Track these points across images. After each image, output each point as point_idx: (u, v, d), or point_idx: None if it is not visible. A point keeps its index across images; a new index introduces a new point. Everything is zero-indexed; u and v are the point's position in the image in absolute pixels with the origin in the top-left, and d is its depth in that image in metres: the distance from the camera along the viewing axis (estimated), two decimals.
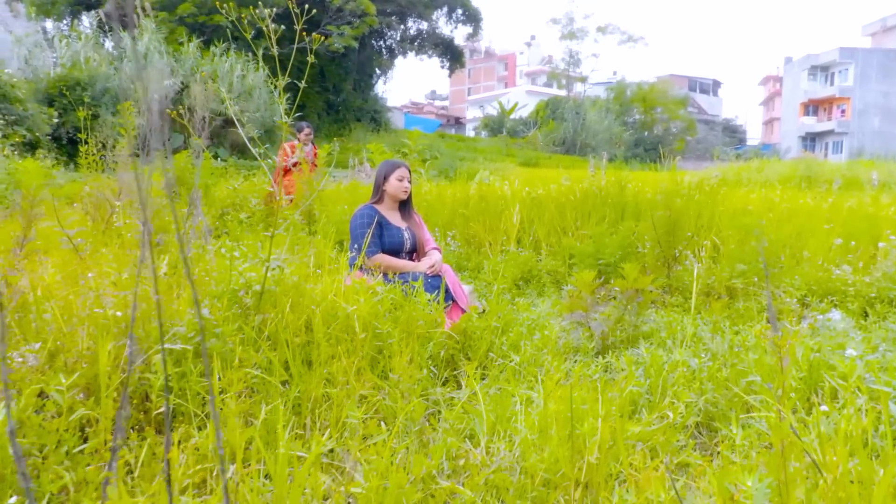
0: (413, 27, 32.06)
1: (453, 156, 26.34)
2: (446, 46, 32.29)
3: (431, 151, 25.89)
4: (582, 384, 2.46)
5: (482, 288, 4.87)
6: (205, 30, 24.06)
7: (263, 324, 2.35)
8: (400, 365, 2.32)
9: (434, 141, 28.61)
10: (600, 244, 4.81)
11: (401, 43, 31.89)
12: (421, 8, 29.43)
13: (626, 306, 3.26)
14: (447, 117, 59.31)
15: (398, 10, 29.58)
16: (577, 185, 6.22)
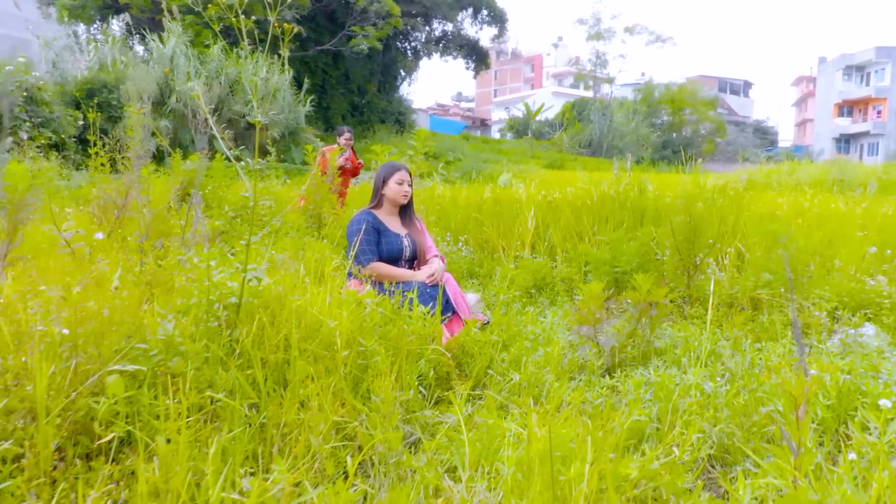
0: (438, 28, 31.93)
1: (477, 157, 26.13)
2: (471, 48, 32.09)
3: (454, 153, 25.72)
4: (581, 412, 2.25)
5: (492, 297, 4.66)
6: (231, 32, 24.18)
7: (235, 340, 2.18)
8: (383, 386, 2.13)
9: (458, 143, 28.43)
10: (617, 251, 4.57)
11: (426, 44, 31.76)
12: (446, 9, 29.26)
13: (639, 320, 3.03)
14: (473, 119, 59.07)
15: (423, 12, 29.45)
16: (594, 188, 5.97)
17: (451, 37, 31.77)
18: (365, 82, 29.62)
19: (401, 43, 31.43)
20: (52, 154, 9.67)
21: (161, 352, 2.01)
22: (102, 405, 1.66)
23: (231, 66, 20.24)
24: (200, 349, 2.01)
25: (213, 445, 1.59)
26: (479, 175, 21.17)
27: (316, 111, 26.41)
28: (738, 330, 3.44)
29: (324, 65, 27.81)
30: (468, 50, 31.99)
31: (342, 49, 26.46)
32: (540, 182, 13.21)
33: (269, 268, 3.37)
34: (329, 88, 28.25)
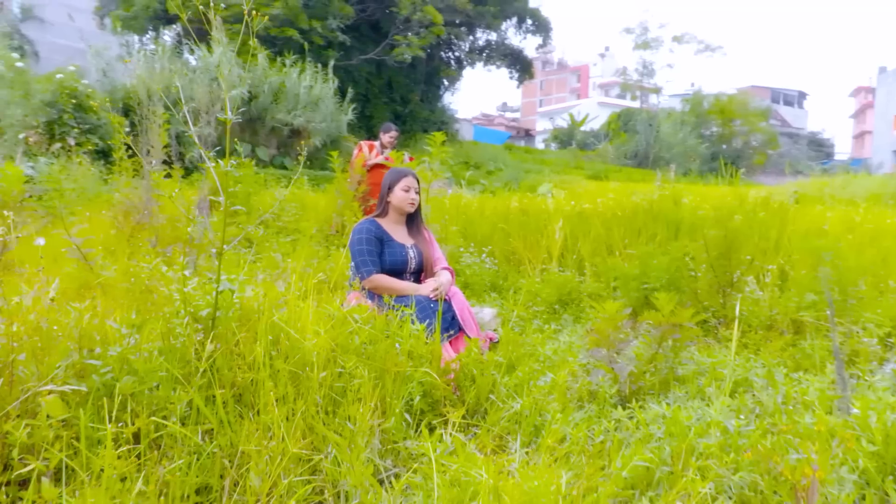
0: (482, 38, 31.74)
1: (518, 168, 25.85)
2: (515, 57, 31.80)
3: (496, 163, 25.47)
4: (581, 450, 1.99)
5: (509, 312, 4.40)
6: (276, 42, 24.49)
7: (199, 357, 1.99)
8: (357, 412, 1.91)
9: (499, 152, 28.18)
10: (646, 266, 4.26)
11: (469, 54, 31.62)
12: (490, 18, 29.07)
13: (660, 344, 2.74)
14: (517, 129, 58.70)
15: (466, 21, 29.32)
16: (626, 199, 5.67)
17: (495, 46, 31.57)
18: (408, 91, 29.66)
19: (444, 52, 31.39)
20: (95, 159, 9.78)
21: (115, 369, 1.83)
22: (20, 430, 1.48)
23: (274, 74, 20.44)
24: (155, 367, 1.83)
25: (139, 481, 1.40)
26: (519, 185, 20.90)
27: (358, 120, 26.53)
28: (776, 356, 3.12)
29: (367, 74, 27.95)
30: (512, 59, 31.73)
31: (385, 58, 26.56)
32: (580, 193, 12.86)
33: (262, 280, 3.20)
34: (372, 97, 28.38)
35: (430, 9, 25.71)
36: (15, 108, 14.80)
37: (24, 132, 14.80)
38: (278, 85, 20.64)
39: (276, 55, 22.01)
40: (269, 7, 24.68)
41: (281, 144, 21.64)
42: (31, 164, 13.02)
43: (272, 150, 21.30)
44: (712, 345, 3.71)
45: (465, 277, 5.12)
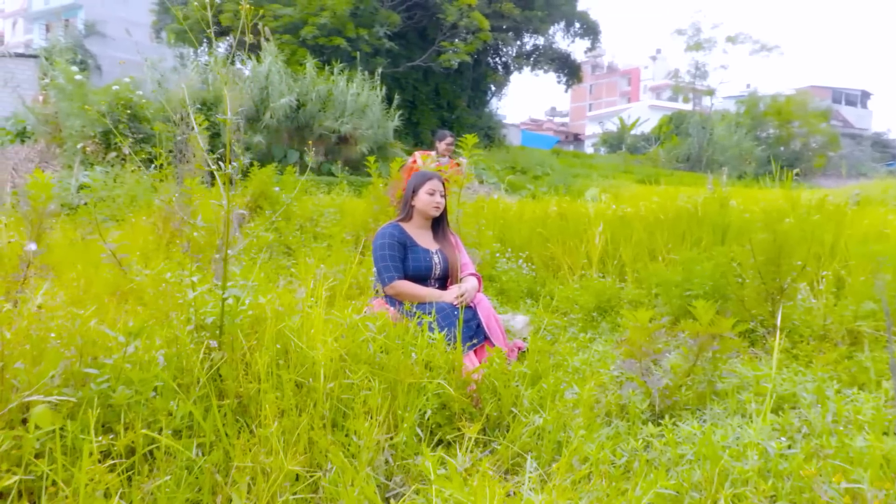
0: (529, 42, 31.52)
1: (566, 172, 25.52)
2: (563, 61, 31.45)
3: (543, 168, 25.20)
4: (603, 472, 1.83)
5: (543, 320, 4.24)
6: (325, 51, 24.83)
7: (201, 367, 1.92)
8: (361, 426, 1.80)
9: (547, 157, 27.88)
10: (689, 272, 4.05)
11: (516, 59, 31.43)
12: (537, 23, 28.83)
13: (698, 356, 2.56)
14: (566, 134, 58.09)
15: (513, 26, 29.16)
16: (670, 202, 5.43)
17: (543, 50, 31.31)
18: (454, 98, 29.67)
19: (491, 58, 31.30)
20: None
21: (111, 378, 1.77)
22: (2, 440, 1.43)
23: (322, 83, 20.69)
24: (151, 376, 1.76)
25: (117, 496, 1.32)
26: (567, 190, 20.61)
27: (405, 126, 26.65)
28: (828, 370, 2.89)
29: (414, 81, 28.08)
30: (560, 63, 31.39)
31: (432, 65, 26.63)
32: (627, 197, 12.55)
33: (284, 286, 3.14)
34: (419, 104, 28.49)
35: (476, 15, 25.66)
36: (74, 120, 15.36)
37: (82, 142, 15.32)
38: (326, 93, 20.87)
39: (325, 64, 22.30)
40: (318, 17, 25.05)
41: (328, 151, 21.87)
42: (87, 173, 13.48)
43: (320, 156, 21.55)
44: (759, 356, 3.48)
45: (500, 283, 4.98)
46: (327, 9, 24.63)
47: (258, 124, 19.49)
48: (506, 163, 25.20)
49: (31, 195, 3.11)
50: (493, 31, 27.29)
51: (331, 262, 4.69)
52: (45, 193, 3.14)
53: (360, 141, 21.20)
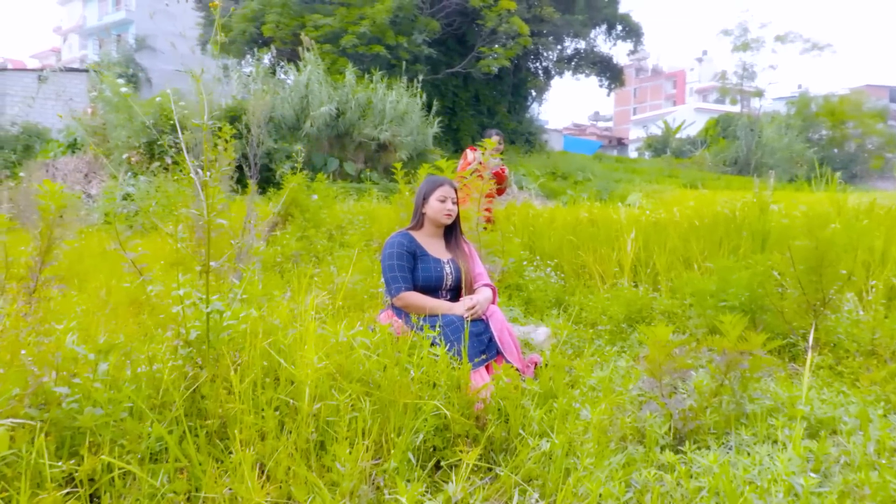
0: (570, 46, 31.17)
1: (608, 177, 25.07)
2: (605, 64, 30.99)
3: (584, 173, 24.81)
4: None
5: (578, 332, 4.05)
6: (364, 59, 24.98)
7: (177, 388, 1.81)
8: (345, 453, 1.66)
9: (588, 162, 27.47)
10: (724, 281, 3.80)
11: (557, 63, 31.10)
12: (578, 27, 28.47)
13: (725, 375, 2.35)
14: (609, 138, 57.28)
15: (554, 31, 28.86)
16: (707, 207, 5.17)
17: (584, 54, 30.90)
18: (494, 103, 29.52)
19: (531, 63, 31.05)
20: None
21: (82, 399, 1.68)
22: None
23: (361, 91, 20.78)
24: (121, 397, 1.66)
25: None
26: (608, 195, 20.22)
27: (445, 133, 26.60)
28: (873, 391, 2.63)
29: (454, 87, 28.04)
30: (601, 67, 30.94)
31: (471, 71, 26.54)
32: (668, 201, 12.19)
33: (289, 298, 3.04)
34: (459, 110, 28.43)
35: (516, 19, 25.48)
36: (120, 131, 15.72)
37: (128, 152, 15.67)
38: (365, 101, 20.98)
39: (364, 72, 22.42)
40: (358, 26, 25.23)
41: (368, 159, 21.97)
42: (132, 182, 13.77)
43: (359, 164, 21.65)
44: (800, 373, 3.23)
45: (527, 293, 4.81)
46: (367, 17, 24.80)
47: (299, 133, 19.69)
48: (546, 168, 24.89)
49: (41, 206, 3.08)
50: (533, 36, 27.05)
51: (354, 271, 4.59)
52: (56, 203, 3.11)
53: (399, 148, 21.23)
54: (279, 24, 25.13)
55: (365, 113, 21.14)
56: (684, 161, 34.38)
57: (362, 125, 20.93)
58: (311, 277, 5.04)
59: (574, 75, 31.17)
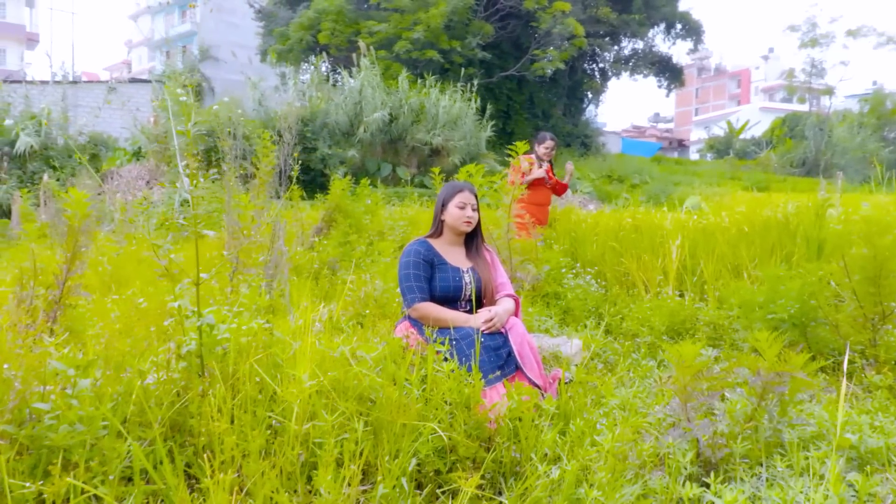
0: (627, 47, 30.52)
1: (666, 180, 24.37)
2: (664, 64, 30.20)
3: (641, 176, 24.21)
4: None
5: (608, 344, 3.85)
6: (418, 64, 25.06)
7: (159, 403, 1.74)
8: (327, 479, 1.56)
9: (646, 165, 26.78)
10: (774, 291, 3.54)
11: (614, 64, 30.49)
12: (635, 26, 27.83)
13: (761, 398, 2.14)
14: (669, 140, 55.87)
15: (610, 31, 28.31)
16: (757, 211, 4.87)
17: (642, 54, 30.21)
18: (549, 106, 29.16)
19: (587, 64, 30.55)
20: None
21: (62, 416, 1.63)
22: None
23: (414, 96, 20.83)
24: (99, 414, 1.59)
25: None
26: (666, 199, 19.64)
27: (499, 136, 26.42)
28: None
29: (508, 90, 27.84)
30: (660, 67, 30.16)
31: (526, 74, 26.29)
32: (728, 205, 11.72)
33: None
34: (513, 114, 28.21)
35: (571, 21, 25.10)
36: (179, 138, 16.19)
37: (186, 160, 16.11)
38: (418, 105, 21.02)
39: (418, 77, 22.49)
40: (412, 31, 25.33)
41: (421, 163, 22.00)
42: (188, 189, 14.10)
43: (413, 168, 21.70)
44: (856, 394, 2.96)
45: (566, 302, 4.62)
46: (421, 23, 24.86)
47: (352, 138, 19.87)
48: (602, 171, 24.40)
49: (68, 214, 3.11)
50: (589, 37, 26.60)
51: (385, 278, 4.51)
52: (80, 211, 3.14)
53: (452, 152, 21.18)
54: (334, 32, 25.47)
55: (418, 118, 21.19)
56: (748, 163, 33.19)
57: (415, 130, 20.98)
58: (346, 284, 4.99)
59: (631, 76, 30.49)
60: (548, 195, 6.36)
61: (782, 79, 40.55)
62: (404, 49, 25.64)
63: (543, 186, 6.28)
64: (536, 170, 6.18)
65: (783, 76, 39.26)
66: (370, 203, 7.89)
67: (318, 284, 5.07)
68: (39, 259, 3.25)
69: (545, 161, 6.35)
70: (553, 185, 6.37)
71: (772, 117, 41.18)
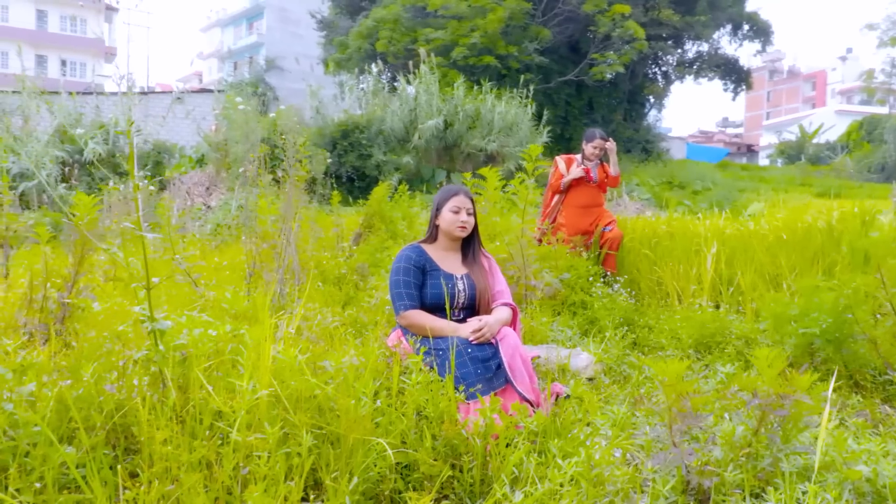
0: (691, 49, 29.62)
1: (730, 186, 23.50)
2: (730, 67, 29.15)
3: (703, 182, 23.40)
4: None
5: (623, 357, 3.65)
6: (475, 70, 25.02)
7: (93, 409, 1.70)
8: (255, 497, 1.47)
9: (709, 171, 25.88)
10: (809, 304, 3.27)
11: (677, 68, 29.63)
12: (699, 28, 26.96)
13: (761, 423, 1.93)
14: (738, 145, 53.94)
15: (673, 34, 27.52)
16: (799, 218, 4.54)
17: (707, 57, 29.26)
18: (609, 111, 28.59)
19: (649, 68, 29.80)
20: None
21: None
22: None
23: (469, 102, 20.77)
24: (31, 419, 1.56)
25: None
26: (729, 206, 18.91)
27: (557, 142, 26.05)
28: None
29: (566, 95, 27.46)
30: (726, 69, 29.12)
31: (584, 78, 25.86)
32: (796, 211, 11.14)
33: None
34: (572, 119, 27.79)
35: (631, 24, 24.56)
36: (238, 146, 16.65)
37: (243, 167, 16.56)
38: (474, 112, 20.96)
39: (475, 83, 22.43)
40: (468, 37, 25.32)
41: (476, 170, 21.82)
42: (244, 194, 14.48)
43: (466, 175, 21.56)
44: (893, 416, 2.69)
45: (592, 311, 4.43)
46: (478, 28, 24.82)
47: (407, 145, 19.98)
48: (662, 177, 23.71)
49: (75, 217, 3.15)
50: (651, 40, 25.95)
51: None
52: (89, 213, 3.17)
53: (507, 159, 21.03)
54: (391, 40, 25.71)
55: (473, 124, 21.13)
56: (821, 168, 31.68)
57: (470, 136, 20.92)
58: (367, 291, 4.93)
59: (696, 80, 29.55)
60: (593, 196, 5.65)
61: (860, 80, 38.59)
62: (461, 55, 25.65)
63: (587, 187, 5.63)
64: (575, 169, 5.65)
65: (861, 77, 37.38)
66: (408, 209, 7.85)
67: (342, 290, 5.03)
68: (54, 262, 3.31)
69: (593, 161, 5.75)
70: (599, 182, 5.73)
71: (848, 120, 39.20)
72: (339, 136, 19.45)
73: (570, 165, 5.75)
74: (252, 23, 46.34)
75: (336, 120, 20.17)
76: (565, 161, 5.85)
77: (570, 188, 5.68)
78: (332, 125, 19.88)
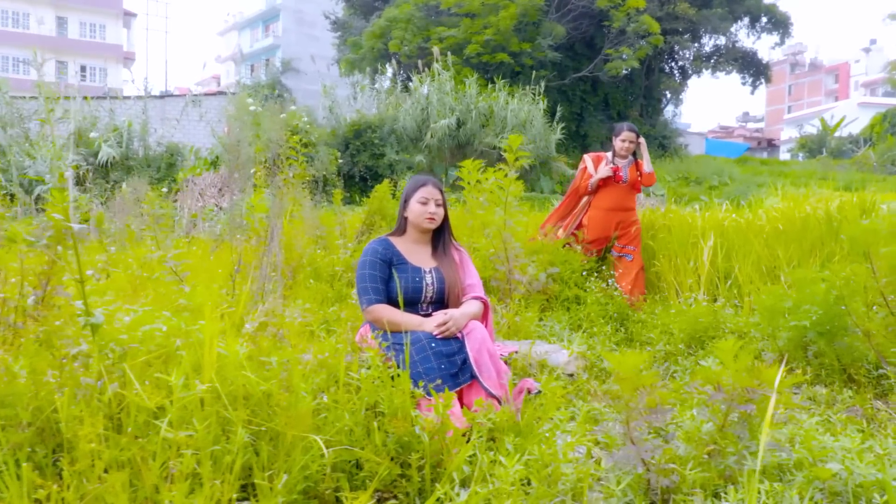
0: (708, 43, 29.24)
1: (749, 181, 23.10)
2: (748, 60, 28.72)
3: (721, 177, 23.05)
4: None
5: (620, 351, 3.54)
6: (488, 68, 24.90)
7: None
8: (173, 496, 1.41)
9: (727, 166, 25.49)
10: (802, 296, 3.15)
11: (694, 62, 29.26)
12: (716, 22, 26.60)
13: (725, 418, 1.83)
14: (759, 140, 53.16)
15: (689, 28, 27.18)
16: (797, 209, 4.40)
17: (724, 51, 28.86)
18: (625, 107, 28.30)
19: (666, 63, 29.47)
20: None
21: None
22: None
23: (482, 100, 20.66)
24: None
25: None
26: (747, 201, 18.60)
27: (572, 139, 25.86)
28: None
29: (581, 92, 27.22)
30: (743, 63, 28.70)
31: (599, 74, 25.61)
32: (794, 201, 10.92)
33: None
34: (587, 115, 27.54)
35: (646, 18, 24.28)
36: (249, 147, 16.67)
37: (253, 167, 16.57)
38: (486, 110, 20.85)
39: (488, 81, 22.29)
40: (482, 35, 25.18)
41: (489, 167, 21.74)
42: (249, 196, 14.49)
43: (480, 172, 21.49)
44: (886, 413, 2.56)
45: (586, 307, 4.33)
46: (492, 26, 24.67)
47: (420, 144, 19.92)
48: (678, 173, 23.41)
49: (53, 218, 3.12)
50: (667, 34, 25.65)
51: None
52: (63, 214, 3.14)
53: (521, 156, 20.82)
54: (404, 40, 25.68)
55: (486, 122, 21.03)
56: (844, 162, 31.08)
57: (483, 134, 20.81)
58: None
59: (713, 74, 29.16)
60: (622, 198, 5.10)
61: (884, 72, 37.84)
62: (474, 53, 25.52)
63: (616, 187, 5.10)
64: (603, 168, 5.14)
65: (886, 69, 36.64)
66: None
67: (335, 288, 4.98)
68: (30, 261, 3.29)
69: (625, 158, 5.19)
70: (632, 182, 5.16)
71: (872, 113, 38.43)
72: (351, 136, 19.44)
73: (598, 164, 5.26)
74: (268, 25, 46.64)
75: (349, 120, 20.18)
76: (593, 160, 5.33)
77: (597, 189, 5.21)
78: (344, 125, 19.89)
